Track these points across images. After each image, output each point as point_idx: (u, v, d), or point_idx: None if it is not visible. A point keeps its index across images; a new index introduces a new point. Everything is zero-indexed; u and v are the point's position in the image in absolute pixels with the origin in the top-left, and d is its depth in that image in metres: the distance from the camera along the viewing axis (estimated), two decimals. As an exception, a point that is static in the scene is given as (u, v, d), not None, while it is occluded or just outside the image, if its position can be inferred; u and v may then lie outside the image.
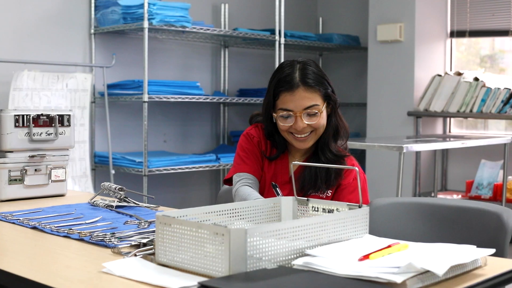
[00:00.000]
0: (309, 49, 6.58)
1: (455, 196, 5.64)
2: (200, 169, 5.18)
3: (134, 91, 4.99)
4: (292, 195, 1.96)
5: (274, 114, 2.41)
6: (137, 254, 1.69)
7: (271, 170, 2.51)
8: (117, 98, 5.07)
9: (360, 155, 6.35)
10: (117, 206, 2.44)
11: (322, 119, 2.38)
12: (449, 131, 6.11)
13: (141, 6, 4.82)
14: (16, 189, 2.67)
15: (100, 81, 5.09)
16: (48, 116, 2.73)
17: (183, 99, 5.09)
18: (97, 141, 5.20)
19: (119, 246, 1.78)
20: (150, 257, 1.65)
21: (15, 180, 2.66)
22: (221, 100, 5.47)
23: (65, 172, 2.80)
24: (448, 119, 6.06)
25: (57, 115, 2.75)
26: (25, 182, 2.69)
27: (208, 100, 5.29)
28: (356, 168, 1.80)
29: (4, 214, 2.30)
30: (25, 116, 2.66)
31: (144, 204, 2.49)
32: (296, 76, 2.37)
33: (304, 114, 2.36)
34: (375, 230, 2.28)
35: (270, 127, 2.49)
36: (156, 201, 5.20)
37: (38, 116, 2.70)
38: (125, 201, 2.51)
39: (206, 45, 5.96)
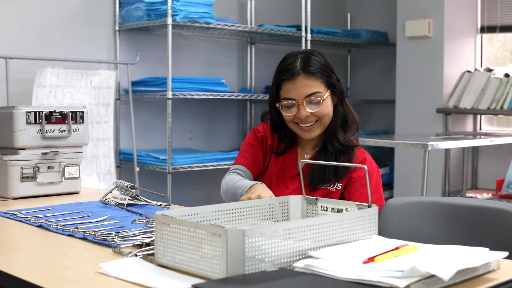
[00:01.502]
0: (337, 46, 6.49)
1: (485, 195, 5.52)
2: (225, 166, 5.12)
3: (158, 88, 4.96)
4: (300, 191, 1.91)
5: (278, 105, 2.39)
6: (137, 254, 1.65)
7: (279, 164, 2.48)
8: (141, 95, 5.05)
9: (389, 153, 6.27)
10: (128, 204, 2.40)
11: (325, 108, 2.36)
12: (480, 129, 5.99)
13: (165, 2, 4.79)
14: (28, 187, 2.65)
15: (125, 78, 5.07)
16: (61, 113, 2.70)
17: (207, 96, 5.05)
18: (122, 138, 5.18)
19: (121, 246, 1.74)
20: (150, 257, 1.61)
21: (28, 177, 2.64)
22: (247, 97, 5.42)
23: (79, 170, 2.77)
24: (478, 116, 5.93)
25: (70, 111, 2.72)
26: (37, 180, 2.66)
27: (234, 97, 5.25)
28: (365, 167, 1.73)
29: (13, 212, 2.28)
30: (37, 113, 2.64)
31: (156, 203, 2.45)
32: (297, 65, 2.35)
33: (306, 102, 2.33)
34: (389, 230, 2.22)
35: (276, 120, 2.46)
36: (181, 199, 5.22)
37: (51, 113, 2.67)
38: (136, 199, 2.47)
39: (232, 41, 5.91)
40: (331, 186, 2.37)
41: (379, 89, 6.61)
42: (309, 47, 5.66)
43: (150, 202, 2.45)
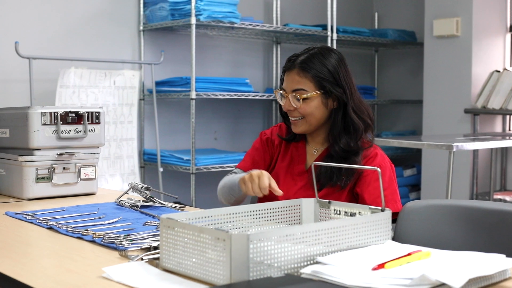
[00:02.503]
0: (364, 45, 6.42)
1: (514, 197, 5.42)
2: (249, 167, 5.07)
3: (182, 88, 4.94)
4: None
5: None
6: (143, 258, 1.61)
7: (287, 159, 2.48)
8: (165, 95, 5.03)
9: (416, 154, 6.19)
10: (142, 206, 2.37)
11: (308, 107, 2.35)
12: (509, 129, 5.87)
13: (189, 2, 4.76)
14: (44, 188, 2.63)
15: (149, 78, 5.06)
16: (77, 113, 2.67)
17: (231, 96, 5.02)
18: (146, 138, 5.17)
19: (129, 249, 1.70)
20: (155, 262, 1.57)
21: (43, 178, 2.62)
22: (272, 97, 5.37)
23: (95, 171, 2.74)
24: (507, 116, 5.82)
25: (86, 112, 2.70)
26: (53, 181, 2.64)
27: (259, 97, 5.21)
28: (378, 169, 1.67)
29: (26, 213, 2.26)
30: (53, 113, 2.62)
31: (170, 204, 2.42)
32: (299, 59, 2.37)
33: (292, 96, 2.35)
34: (407, 234, 2.17)
35: (281, 108, 2.48)
36: (204, 200, 5.18)
37: (67, 113, 2.65)
38: (151, 200, 2.44)
39: (258, 41, 5.87)
40: (339, 184, 2.34)
41: (407, 89, 6.53)
42: (335, 46, 5.60)
43: (164, 204, 2.41)
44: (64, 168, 2.66)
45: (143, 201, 2.43)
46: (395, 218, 2.20)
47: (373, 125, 2.44)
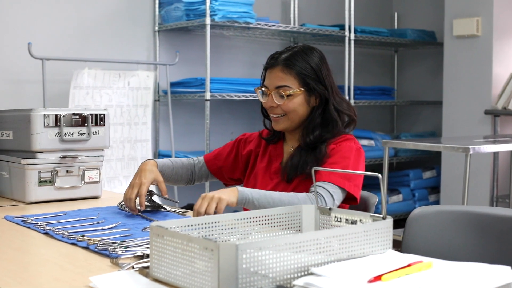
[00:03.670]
0: (383, 45, 6.34)
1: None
2: (265, 169, 5.02)
3: (197, 89, 4.89)
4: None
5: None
6: (134, 266, 1.56)
7: (265, 160, 2.49)
8: (180, 96, 4.98)
9: (436, 156, 6.09)
10: (144, 211, 2.32)
11: (292, 104, 2.35)
12: (531, 131, 5.76)
13: (203, 2, 4.71)
14: (46, 191, 2.59)
15: (164, 79, 5.01)
16: (80, 115, 2.63)
17: (247, 97, 4.96)
18: (161, 139, 5.13)
19: (122, 257, 1.65)
20: (145, 270, 1.51)
21: (46, 181, 2.58)
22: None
23: (100, 174, 2.70)
24: (530, 118, 5.71)
25: (90, 114, 2.65)
26: (56, 184, 2.60)
27: (274, 98, 5.14)
28: (379, 175, 1.60)
29: (25, 217, 2.22)
30: (56, 115, 2.57)
31: (172, 209, 2.36)
32: (281, 56, 2.37)
33: (275, 93, 2.36)
34: (414, 243, 2.10)
35: (262, 107, 2.51)
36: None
37: (70, 115, 2.60)
38: (154, 205, 2.38)
39: (275, 41, 5.81)
40: (308, 172, 2.33)
41: (426, 90, 6.44)
42: (352, 47, 5.54)
43: (166, 209, 2.36)
44: (67, 171, 2.62)
45: (146, 205, 2.38)
46: (351, 201, 2.33)
47: (356, 120, 2.46)
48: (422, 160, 6.37)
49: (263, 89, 2.40)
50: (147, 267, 1.53)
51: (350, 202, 2.35)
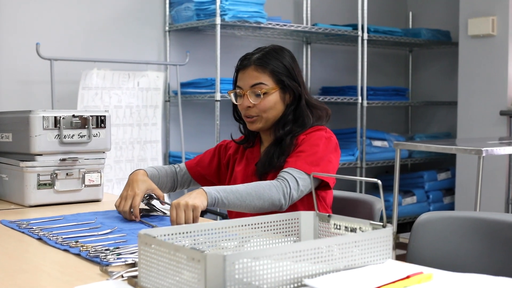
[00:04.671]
0: (397, 45, 6.25)
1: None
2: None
3: (207, 89, 4.84)
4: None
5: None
6: (124, 275, 1.50)
7: (243, 163, 2.49)
8: (190, 97, 4.93)
9: (451, 157, 5.99)
10: (144, 215, 2.26)
11: (268, 102, 2.34)
12: (547, 132, 5.66)
13: (214, 2, 4.66)
14: (46, 194, 2.53)
15: (174, 79, 4.97)
16: (81, 117, 2.57)
17: (257, 97, 4.89)
18: (172, 140, 5.08)
19: (112, 265, 1.60)
20: (134, 280, 1.46)
21: (45, 184, 2.53)
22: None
23: (100, 177, 2.64)
24: (546, 119, 5.60)
25: (91, 116, 2.59)
26: (55, 187, 2.55)
27: (286, 99, 5.08)
28: (379, 182, 1.53)
29: (21, 222, 2.16)
30: (55, 117, 2.52)
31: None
32: (253, 57, 2.37)
33: (251, 92, 2.35)
34: (420, 249, 2.03)
35: (235, 110, 2.50)
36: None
37: (70, 117, 2.55)
38: (153, 209, 2.33)
39: (288, 41, 5.75)
40: (281, 164, 2.34)
41: (441, 90, 6.35)
42: (365, 47, 5.47)
43: (166, 213, 2.31)
44: (67, 174, 2.57)
45: (144, 209, 2.32)
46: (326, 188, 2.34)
47: (329, 112, 2.46)
48: (436, 162, 6.28)
49: (237, 90, 2.40)
50: (136, 276, 1.47)
51: (325, 188, 2.35)
